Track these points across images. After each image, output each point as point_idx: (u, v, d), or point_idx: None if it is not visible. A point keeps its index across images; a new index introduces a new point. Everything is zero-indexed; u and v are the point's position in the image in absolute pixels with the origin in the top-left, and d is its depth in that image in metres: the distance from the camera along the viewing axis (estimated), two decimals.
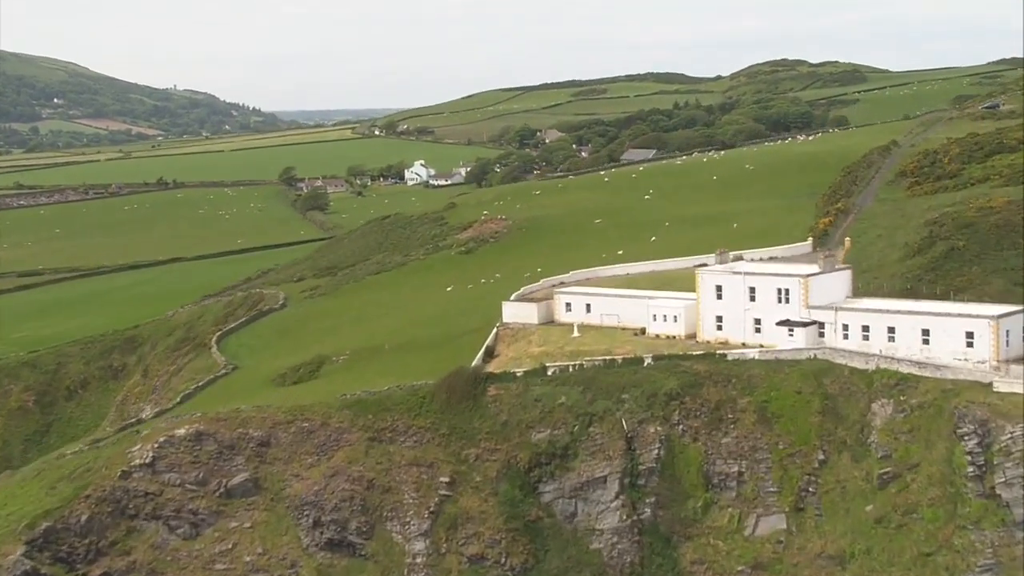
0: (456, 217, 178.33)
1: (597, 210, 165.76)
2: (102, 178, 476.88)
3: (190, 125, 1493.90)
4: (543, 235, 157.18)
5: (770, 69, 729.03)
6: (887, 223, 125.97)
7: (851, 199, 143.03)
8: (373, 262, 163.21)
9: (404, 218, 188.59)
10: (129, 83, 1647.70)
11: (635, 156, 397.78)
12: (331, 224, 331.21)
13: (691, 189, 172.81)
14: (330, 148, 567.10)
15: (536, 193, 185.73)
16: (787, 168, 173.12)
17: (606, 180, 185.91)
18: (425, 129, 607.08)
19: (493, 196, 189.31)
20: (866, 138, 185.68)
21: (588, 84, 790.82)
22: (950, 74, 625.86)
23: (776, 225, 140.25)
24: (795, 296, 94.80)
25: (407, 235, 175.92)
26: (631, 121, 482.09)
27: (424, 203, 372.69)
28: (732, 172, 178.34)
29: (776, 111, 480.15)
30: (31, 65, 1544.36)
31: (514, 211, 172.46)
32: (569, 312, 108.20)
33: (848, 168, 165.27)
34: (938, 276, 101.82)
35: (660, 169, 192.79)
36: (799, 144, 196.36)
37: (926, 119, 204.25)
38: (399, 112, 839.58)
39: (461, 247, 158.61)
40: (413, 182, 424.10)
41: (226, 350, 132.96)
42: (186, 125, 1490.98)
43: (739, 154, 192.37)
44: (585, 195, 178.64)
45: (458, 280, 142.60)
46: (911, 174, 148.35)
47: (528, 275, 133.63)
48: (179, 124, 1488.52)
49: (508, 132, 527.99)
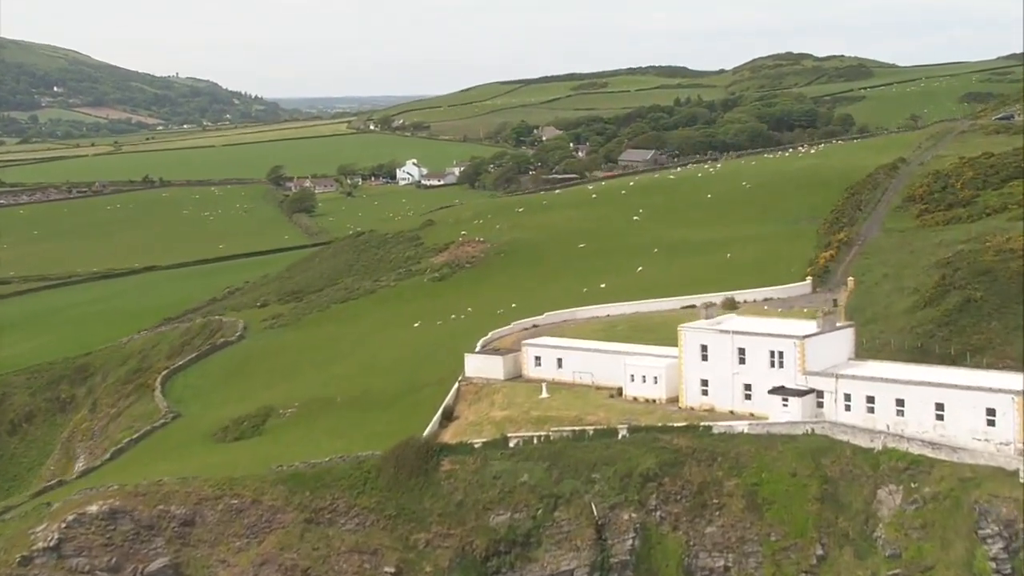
0: (433, 237, 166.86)
1: (582, 232, 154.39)
2: (88, 175, 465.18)
3: (191, 114, 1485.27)
4: (522, 261, 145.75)
5: (774, 63, 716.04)
6: (894, 260, 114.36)
7: (855, 228, 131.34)
8: (341, 287, 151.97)
9: (379, 236, 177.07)
10: (130, 71, 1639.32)
11: (633, 156, 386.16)
12: (316, 228, 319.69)
13: (684, 208, 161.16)
14: (323, 144, 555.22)
15: (519, 211, 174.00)
16: (786, 187, 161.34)
17: (594, 196, 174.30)
18: (420, 124, 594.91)
19: (472, 214, 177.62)
20: (871, 153, 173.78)
21: (588, 77, 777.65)
22: (958, 69, 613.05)
23: (773, 255, 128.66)
24: (790, 360, 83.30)
25: (380, 256, 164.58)
26: (630, 119, 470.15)
27: (413, 204, 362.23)
28: (728, 190, 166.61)
29: (780, 109, 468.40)
30: (31, 53, 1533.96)
31: (493, 232, 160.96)
32: (538, 367, 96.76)
33: (852, 188, 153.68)
34: (952, 332, 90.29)
35: (652, 184, 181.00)
36: (800, 158, 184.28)
37: (935, 130, 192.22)
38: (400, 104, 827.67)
39: (435, 273, 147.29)
40: (405, 182, 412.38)
41: (171, 392, 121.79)
42: (187, 114, 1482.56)
43: (736, 168, 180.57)
44: (570, 214, 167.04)
45: (428, 313, 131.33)
46: (920, 199, 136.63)
47: (501, 311, 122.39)
48: (180, 113, 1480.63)
49: (504, 129, 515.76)
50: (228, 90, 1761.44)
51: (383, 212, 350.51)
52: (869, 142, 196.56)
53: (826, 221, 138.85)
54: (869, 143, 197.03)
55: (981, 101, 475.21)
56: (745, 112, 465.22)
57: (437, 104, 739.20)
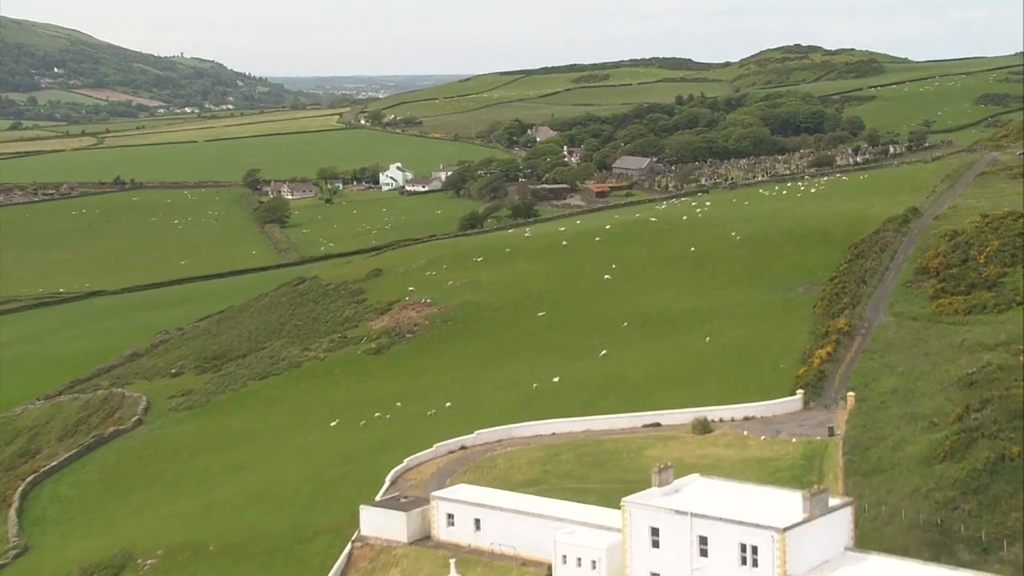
0: (377, 291, 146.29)
1: (544, 294, 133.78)
2: (61, 174, 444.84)
3: (192, 96, 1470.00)
4: (470, 333, 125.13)
5: (781, 56, 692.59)
6: (905, 364, 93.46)
7: (857, 308, 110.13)
8: (266, 355, 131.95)
9: (320, 286, 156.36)
10: (133, 52, 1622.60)
11: (628, 164, 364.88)
12: (285, 244, 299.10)
13: (662, 264, 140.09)
14: (309, 141, 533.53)
15: (477, 260, 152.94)
16: (781, 241, 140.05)
17: (564, 244, 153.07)
18: (412, 120, 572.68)
19: (426, 262, 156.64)
20: (879, 197, 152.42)
21: (590, 69, 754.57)
22: (973, 66, 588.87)
23: (761, 340, 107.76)
24: (766, 558, 62.46)
25: (317, 314, 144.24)
26: (628, 120, 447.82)
27: (393, 214, 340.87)
28: (715, 241, 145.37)
29: (785, 110, 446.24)
30: (31, 33, 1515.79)
31: (444, 290, 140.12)
32: (451, 527, 75.98)
33: (856, 247, 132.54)
34: (981, 506, 69.39)
35: (632, 228, 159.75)
36: (799, 198, 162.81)
37: (952, 166, 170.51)
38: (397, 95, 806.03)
39: (371, 343, 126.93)
40: (388, 187, 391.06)
41: (33, 506, 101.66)
42: (188, 96, 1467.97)
43: (726, 212, 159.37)
44: (534, 268, 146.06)
45: (352, 404, 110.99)
46: (935, 273, 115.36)
47: (433, 412, 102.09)
48: (181, 95, 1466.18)
49: (497, 128, 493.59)
50: (233, 71, 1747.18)
51: (360, 223, 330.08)
52: (877, 177, 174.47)
53: (824, 296, 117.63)
54: (877, 178, 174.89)
55: (998, 103, 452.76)
56: (749, 113, 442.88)
57: (433, 96, 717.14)
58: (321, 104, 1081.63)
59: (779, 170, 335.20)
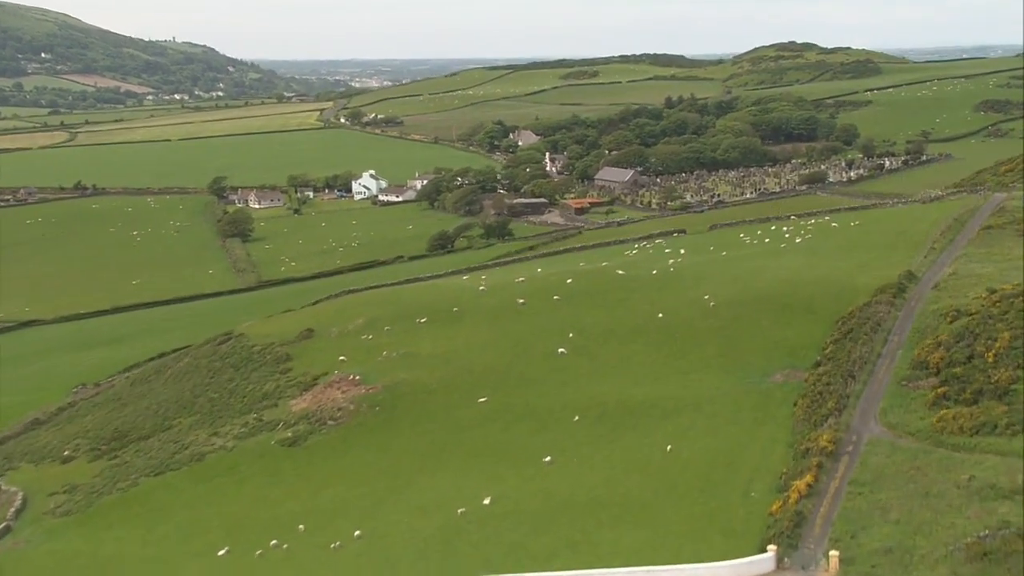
0: (306, 359, 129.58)
1: (489, 372, 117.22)
2: (22, 177, 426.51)
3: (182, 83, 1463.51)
4: (398, 426, 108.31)
5: (775, 54, 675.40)
6: (900, 507, 76.58)
7: (843, 416, 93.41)
8: (171, 438, 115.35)
9: (245, 348, 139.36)
10: (123, 36, 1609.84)
11: (611, 176, 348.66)
12: (244, 263, 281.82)
13: (625, 336, 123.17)
14: (286, 142, 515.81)
15: (420, 322, 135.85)
16: (760, 311, 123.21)
17: (520, 304, 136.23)
18: (393, 120, 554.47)
19: (365, 321, 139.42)
20: (871, 258, 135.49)
21: (579, 64, 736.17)
22: (973, 68, 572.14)
23: (729, 453, 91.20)
24: None
25: (235, 385, 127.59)
26: (613, 124, 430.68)
27: (364, 227, 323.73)
28: (686, 306, 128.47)
29: (777, 115, 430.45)
30: (18, 16, 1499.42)
31: (377, 362, 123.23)
32: None
33: (844, 322, 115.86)
34: None
35: (595, 283, 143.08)
36: (782, 252, 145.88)
37: (954, 212, 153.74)
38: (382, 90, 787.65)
39: (288, 431, 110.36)
40: (361, 196, 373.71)
41: None
42: (178, 83, 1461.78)
43: (700, 270, 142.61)
44: (482, 335, 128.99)
45: (249, 523, 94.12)
46: (935, 369, 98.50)
47: (338, 544, 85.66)
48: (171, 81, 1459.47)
49: (479, 131, 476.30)
50: (225, 56, 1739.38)
51: (327, 239, 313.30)
52: (870, 221, 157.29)
53: (806, 391, 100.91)
54: (870, 222, 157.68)
55: (999, 110, 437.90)
56: (739, 119, 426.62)
57: (418, 92, 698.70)
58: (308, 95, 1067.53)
59: (769, 185, 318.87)
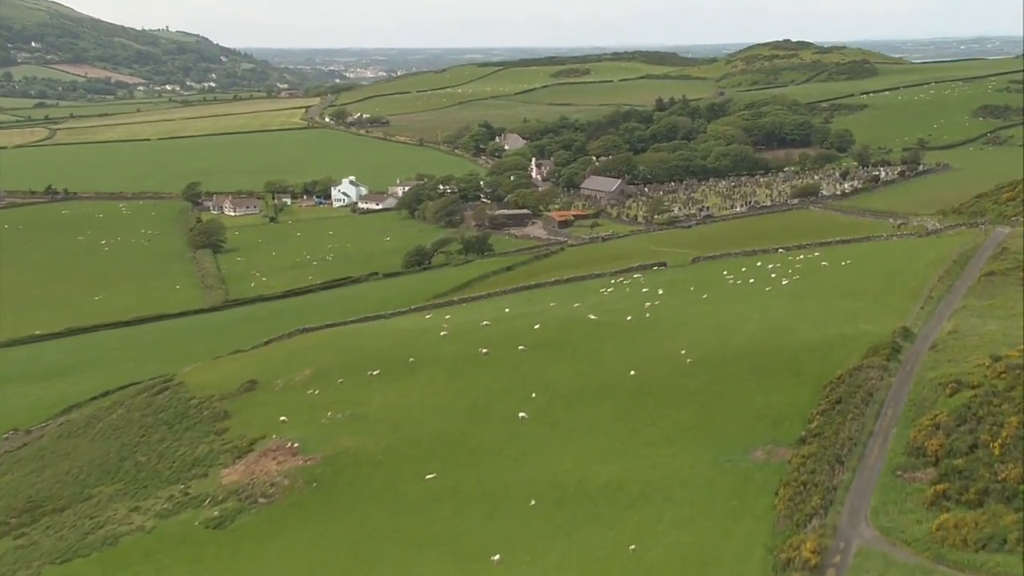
0: (246, 416, 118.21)
1: (441, 440, 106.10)
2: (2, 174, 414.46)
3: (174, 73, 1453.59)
4: (338, 506, 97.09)
5: (770, 53, 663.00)
6: None
7: (829, 516, 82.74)
8: (87, 512, 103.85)
9: (183, 400, 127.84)
10: (115, 25, 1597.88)
11: (597, 185, 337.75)
12: (212, 279, 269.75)
13: (593, 397, 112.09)
14: (268, 143, 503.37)
15: (372, 375, 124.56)
16: (740, 368, 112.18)
17: (483, 353, 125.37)
18: (379, 120, 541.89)
19: (312, 373, 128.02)
20: (863, 309, 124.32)
21: (570, 61, 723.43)
22: (972, 69, 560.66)
23: (701, 557, 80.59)
24: None
25: (165, 446, 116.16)
26: (601, 129, 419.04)
27: (341, 237, 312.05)
28: (661, 361, 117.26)
29: (770, 120, 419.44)
30: (10, 5, 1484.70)
31: (321, 424, 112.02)
32: None
33: (832, 388, 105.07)
34: None
35: (565, 331, 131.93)
36: (768, 296, 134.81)
37: (951, 252, 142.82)
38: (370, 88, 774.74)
39: (215, 508, 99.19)
40: (340, 203, 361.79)
41: None
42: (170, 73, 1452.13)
43: (678, 316, 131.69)
44: (439, 392, 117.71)
45: None
46: (932, 458, 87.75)
47: None
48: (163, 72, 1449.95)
49: (464, 134, 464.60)
50: (219, 46, 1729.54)
51: (301, 250, 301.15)
52: (862, 258, 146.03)
53: (788, 479, 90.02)
54: (862, 260, 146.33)
55: (997, 115, 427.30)
56: (731, 124, 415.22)
57: (406, 90, 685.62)
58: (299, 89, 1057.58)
59: (760, 197, 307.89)
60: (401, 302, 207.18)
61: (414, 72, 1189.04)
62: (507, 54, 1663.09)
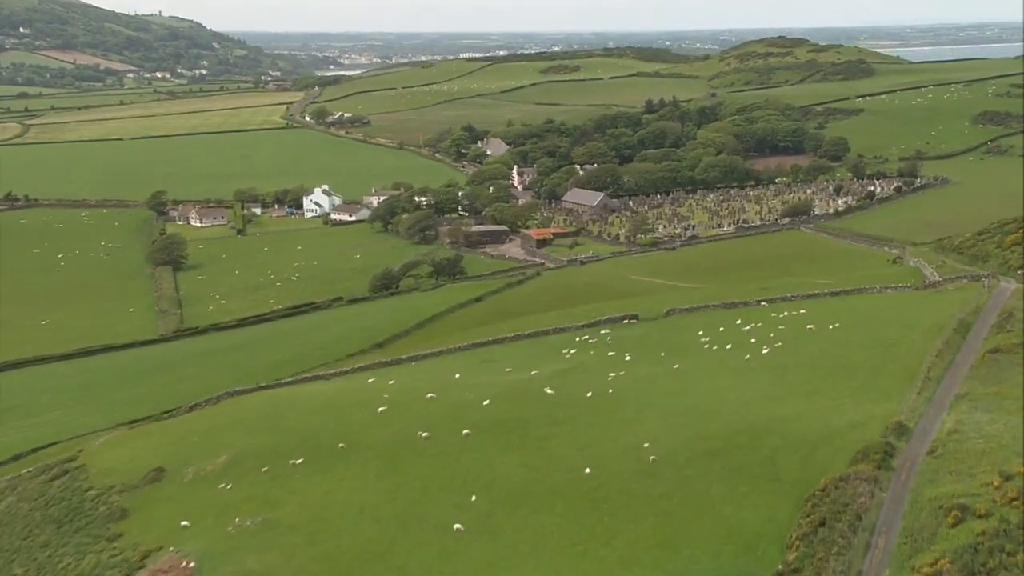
0: (145, 516, 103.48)
1: (363, 557, 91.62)
2: None
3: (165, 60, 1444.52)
4: None
5: (764, 50, 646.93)
6: None
7: None
8: None
9: (79, 492, 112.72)
10: (106, 11, 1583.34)
11: (579, 198, 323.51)
12: (169, 301, 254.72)
13: (542, 500, 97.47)
14: (243, 145, 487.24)
15: (295, 463, 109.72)
16: (710, 467, 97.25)
17: (423, 437, 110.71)
18: (360, 119, 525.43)
19: (230, 459, 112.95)
20: (849, 396, 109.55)
21: (560, 57, 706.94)
22: (971, 70, 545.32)
23: None
24: None
25: (51, 552, 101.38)
26: (587, 136, 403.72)
27: (310, 252, 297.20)
28: (620, 457, 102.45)
29: (763, 126, 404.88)
30: None
31: (228, 534, 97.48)
32: None
33: (814, 503, 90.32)
34: None
35: (516, 409, 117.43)
36: (746, 370, 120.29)
37: (953, 308, 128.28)
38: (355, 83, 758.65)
39: None
40: (312, 214, 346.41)
41: None
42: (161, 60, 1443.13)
43: (643, 395, 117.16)
44: (368, 489, 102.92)
45: None
46: None
47: None
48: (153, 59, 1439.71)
49: (446, 137, 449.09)
50: (212, 31, 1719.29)
51: (267, 268, 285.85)
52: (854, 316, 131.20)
53: None
54: (853, 318, 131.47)
55: (998, 123, 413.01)
56: (722, 130, 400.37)
57: (391, 86, 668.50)
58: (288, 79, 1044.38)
59: (749, 215, 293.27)
60: (360, 339, 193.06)
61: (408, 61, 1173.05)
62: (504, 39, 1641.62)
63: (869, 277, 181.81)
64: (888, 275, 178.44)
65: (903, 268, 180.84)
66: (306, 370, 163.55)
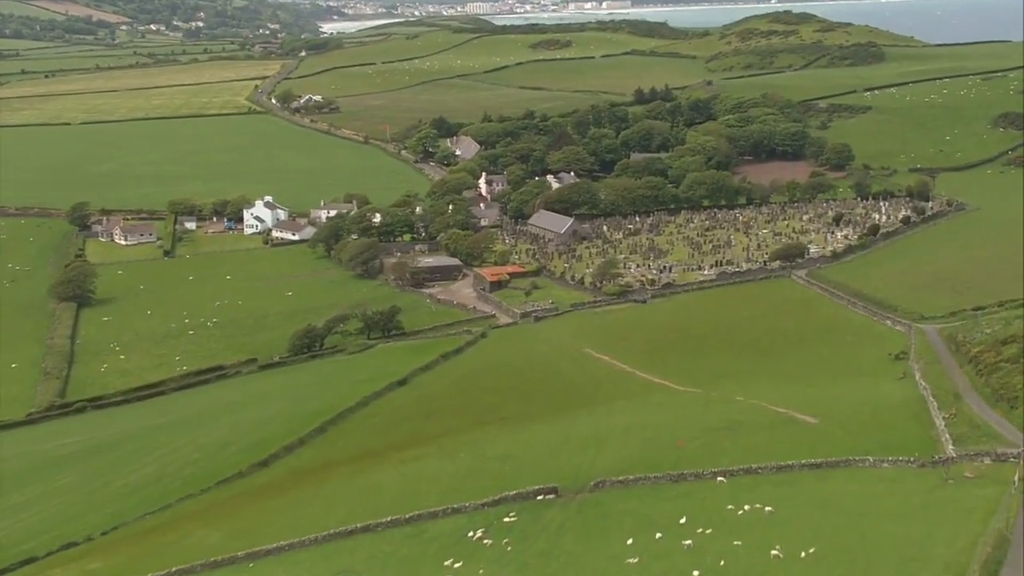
0: None
1: None
2: None
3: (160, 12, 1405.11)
4: None
5: (767, 28, 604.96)
6: None
7: None
8: None
9: None
10: None
11: (547, 223, 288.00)
12: (58, 356, 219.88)
13: None
14: (197, 137, 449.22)
15: None
16: None
17: None
18: (328, 104, 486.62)
19: None
20: None
21: (551, 30, 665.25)
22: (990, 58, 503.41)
23: None
24: None
25: None
26: (564, 138, 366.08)
27: (238, 285, 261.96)
28: None
29: (759, 128, 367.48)
30: None
31: None
32: None
33: None
34: None
35: None
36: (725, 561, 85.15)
37: (973, 524, 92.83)
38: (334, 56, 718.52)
39: None
40: (252, 230, 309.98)
41: None
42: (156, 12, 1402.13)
43: None
44: None
45: None
46: None
47: None
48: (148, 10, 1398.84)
49: (414, 133, 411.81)
50: None
51: (185, 307, 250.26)
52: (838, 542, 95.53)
53: None
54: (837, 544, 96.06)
55: (1020, 126, 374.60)
56: (715, 132, 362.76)
57: (370, 60, 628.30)
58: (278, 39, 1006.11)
59: (735, 251, 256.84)
60: (242, 450, 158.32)
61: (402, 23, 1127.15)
62: None
63: (863, 389, 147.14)
64: (886, 392, 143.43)
65: (905, 384, 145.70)
66: (140, 517, 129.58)
